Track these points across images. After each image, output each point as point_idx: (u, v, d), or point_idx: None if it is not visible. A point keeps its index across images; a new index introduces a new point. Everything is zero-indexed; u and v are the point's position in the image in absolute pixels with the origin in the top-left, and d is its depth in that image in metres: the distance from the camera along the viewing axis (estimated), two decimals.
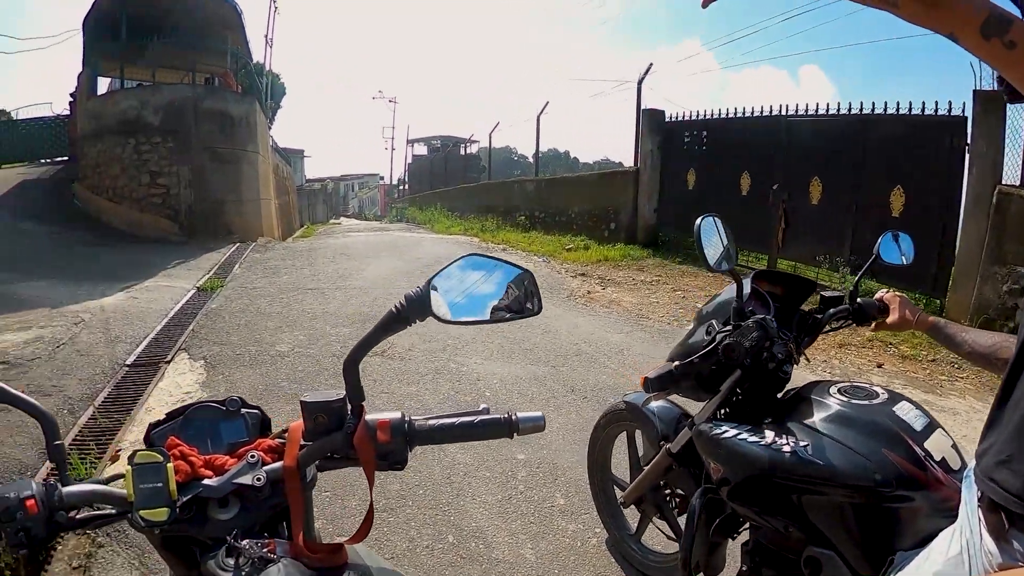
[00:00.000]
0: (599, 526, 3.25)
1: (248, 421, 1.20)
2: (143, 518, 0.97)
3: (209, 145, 16.80)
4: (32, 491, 0.95)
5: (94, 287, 9.26)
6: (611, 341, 6.68)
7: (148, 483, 0.98)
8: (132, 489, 0.98)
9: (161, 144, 16.34)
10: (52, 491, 0.98)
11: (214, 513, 1.04)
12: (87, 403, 5.07)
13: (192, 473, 1.03)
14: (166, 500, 0.97)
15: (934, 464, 1.56)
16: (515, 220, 17.77)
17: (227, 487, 1.03)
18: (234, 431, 1.18)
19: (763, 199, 10.25)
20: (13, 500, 0.94)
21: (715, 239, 1.96)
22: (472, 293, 1.15)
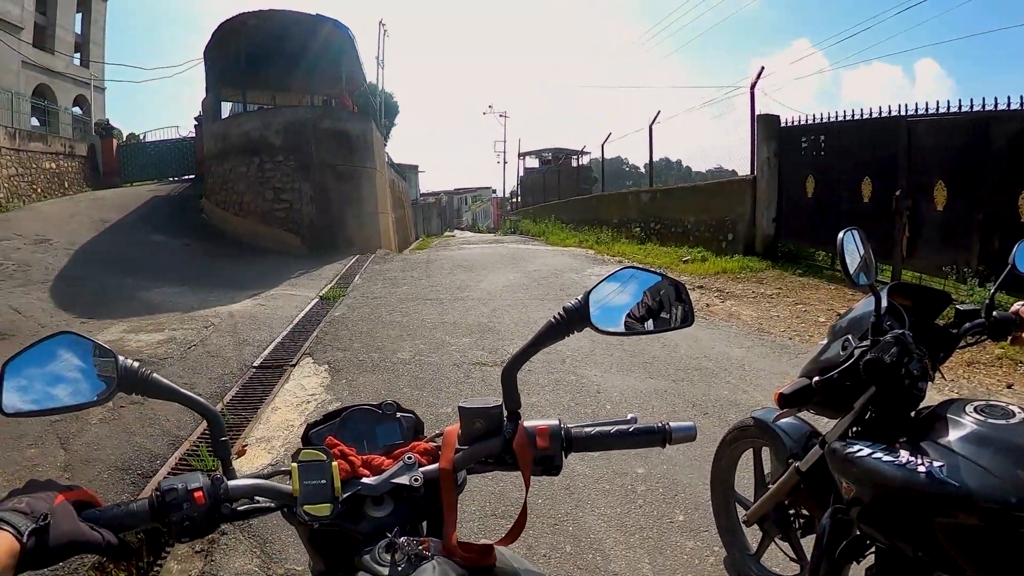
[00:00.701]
0: (718, 544, 3.18)
1: (403, 424, 1.24)
2: (307, 512, 1.02)
3: (329, 163, 17.69)
4: (200, 483, 1.02)
5: (223, 294, 9.74)
6: (731, 355, 6.56)
7: (312, 480, 1.03)
8: (298, 485, 1.03)
9: (283, 162, 17.36)
10: (218, 484, 1.05)
11: (369, 511, 1.08)
12: (216, 401, 5.38)
13: (352, 472, 1.08)
14: (329, 497, 1.03)
15: None
16: (630, 231, 17.63)
17: (385, 486, 1.08)
18: (389, 433, 1.22)
19: (885, 206, 9.75)
20: (181, 491, 1.00)
21: (854, 252, 1.92)
22: (628, 304, 1.18)
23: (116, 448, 4.51)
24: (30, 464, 4.27)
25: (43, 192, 19.32)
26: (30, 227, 14.43)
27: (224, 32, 18.84)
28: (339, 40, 20.24)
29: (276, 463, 4.48)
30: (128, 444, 4.58)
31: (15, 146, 18.65)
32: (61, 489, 0.97)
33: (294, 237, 16.97)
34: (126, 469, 4.27)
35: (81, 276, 11.03)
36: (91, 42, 37.20)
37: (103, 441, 4.61)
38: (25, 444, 4.54)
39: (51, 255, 12.28)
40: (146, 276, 11.43)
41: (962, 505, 1.52)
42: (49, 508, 0.91)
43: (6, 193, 17.55)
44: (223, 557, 3.30)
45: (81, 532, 0.93)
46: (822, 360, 2.02)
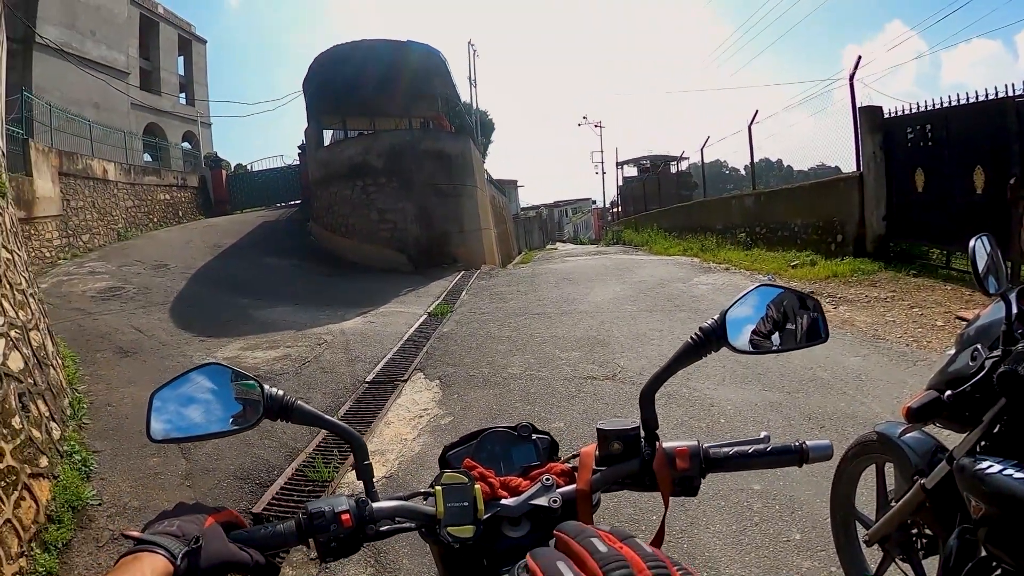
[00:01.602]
0: (835, 565, 3.08)
1: (539, 446, 1.27)
2: (451, 534, 1.06)
3: (430, 182, 18.14)
4: (346, 506, 1.07)
5: (333, 312, 10.04)
6: (847, 365, 6.36)
7: (455, 502, 1.08)
8: (442, 508, 1.08)
9: (386, 184, 17.92)
10: (363, 506, 1.09)
11: (506, 531, 1.11)
12: (330, 415, 5.47)
13: (491, 494, 1.12)
14: (472, 518, 1.07)
15: None
16: (735, 237, 17.32)
17: (523, 507, 1.11)
18: (525, 455, 1.25)
19: (1000, 196, 9.19)
20: (328, 513, 1.06)
21: (985, 258, 1.87)
22: (763, 323, 1.19)
23: (235, 459, 4.73)
24: (152, 472, 4.52)
25: (159, 221, 20.76)
26: (148, 253, 15.35)
27: (320, 64, 19.61)
28: (431, 63, 20.69)
29: (391, 475, 4.61)
30: (247, 455, 4.79)
31: (130, 180, 20.28)
32: (210, 512, 1.03)
33: (400, 255, 17.36)
34: (244, 479, 4.47)
35: (198, 297, 11.59)
36: (195, 82, 40.36)
37: (223, 452, 4.83)
38: (148, 453, 4.80)
39: (169, 278, 12.93)
40: (259, 296, 11.90)
41: None
42: (200, 531, 0.97)
43: (124, 223, 19.06)
44: (337, 566, 3.42)
45: (231, 553, 0.99)
46: (950, 372, 1.96)
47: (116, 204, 18.83)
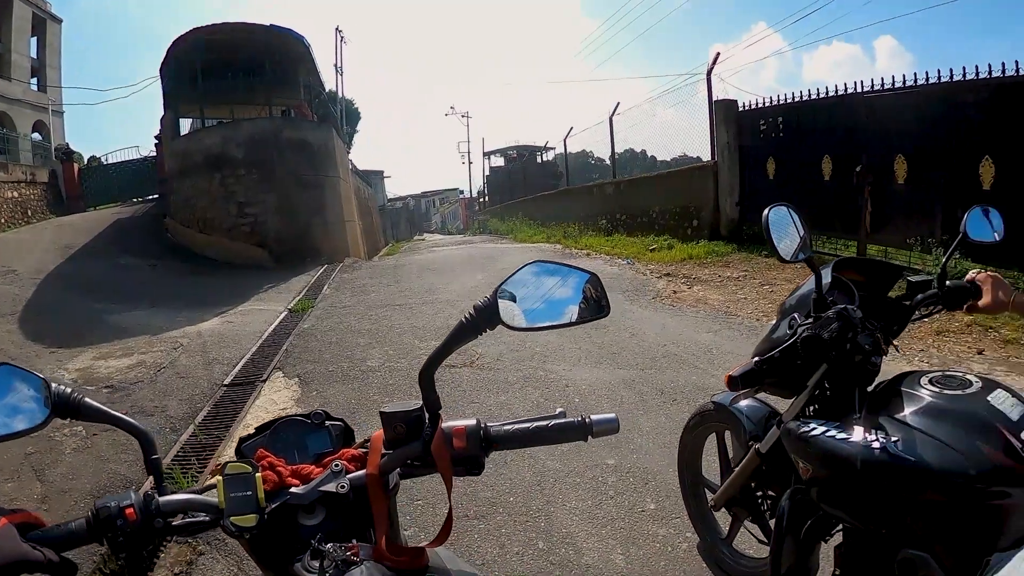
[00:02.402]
0: (690, 531, 3.18)
1: (332, 433, 1.24)
2: (233, 524, 1.02)
3: (291, 173, 17.58)
4: (131, 500, 1.03)
5: (191, 313, 9.64)
6: (699, 341, 6.59)
7: (238, 492, 1.04)
8: (223, 497, 1.04)
9: (246, 176, 17.23)
10: (150, 500, 1.05)
11: (301, 520, 1.09)
12: (188, 422, 5.32)
13: (280, 482, 1.08)
14: (255, 507, 1.03)
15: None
16: (597, 224, 17.71)
17: (313, 495, 1.08)
18: (320, 442, 1.22)
19: (847, 183, 9.87)
20: (114, 508, 1.01)
21: (789, 229, 1.90)
22: (538, 299, 1.16)
23: (92, 476, 4.46)
24: (8, 498, 4.22)
25: (6, 222, 18.92)
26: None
27: (178, 48, 18.67)
28: (295, 50, 20.16)
29: None
30: (103, 472, 4.53)
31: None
32: (4, 512, 0.99)
33: (260, 251, 16.81)
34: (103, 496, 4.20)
35: (49, 305, 10.86)
36: (47, 65, 36.87)
37: (78, 470, 4.55)
38: (2, 479, 4.48)
39: (17, 286, 12.07)
40: (114, 300, 11.29)
41: (921, 480, 1.51)
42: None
43: None
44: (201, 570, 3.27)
45: (23, 552, 0.95)
46: (772, 339, 2.02)
47: None
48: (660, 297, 8.97)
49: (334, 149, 19.80)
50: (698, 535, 3.12)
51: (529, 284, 1.16)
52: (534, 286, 1.17)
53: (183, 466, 4.55)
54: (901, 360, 5.32)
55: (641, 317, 7.72)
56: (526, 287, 1.16)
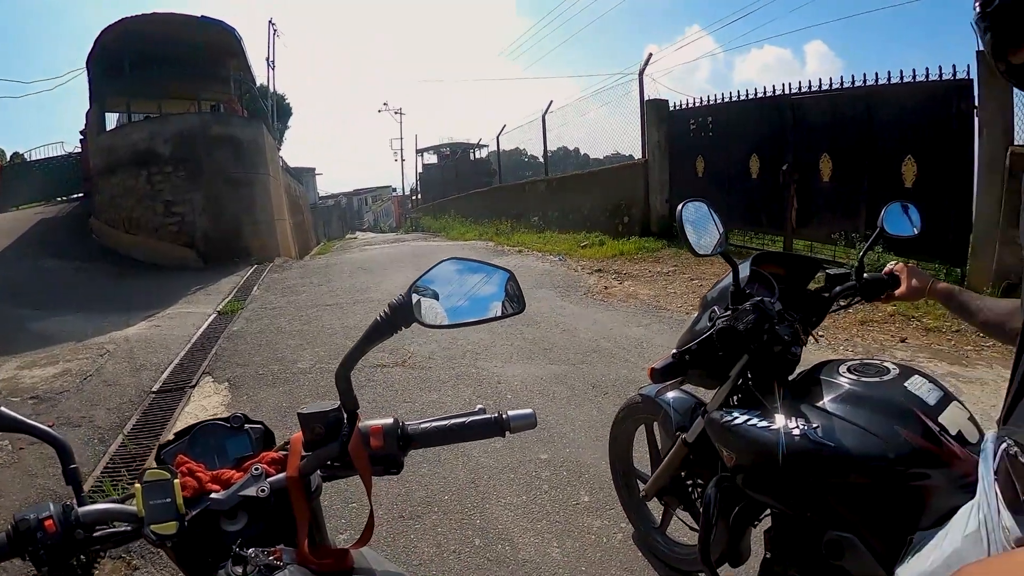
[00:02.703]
0: (624, 521, 3.24)
1: (252, 436, 1.22)
2: (154, 532, 1.00)
3: (220, 170, 17.07)
4: (50, 512, 1.00)
5: (118, 318, 9.36)
6: (630, 335, 6.68)
7: (157, 499, 1.01)
8: (142, 505, 1.01)
9: (173, 173, 16.64)
10: (69, 511, 1.02)
11: (223, 526, 1.07)
12: (116, 432, 5.15)
13: (200, 488, 1.07)
14: (174, 514, 1.01)
15: (950, 439, 1.51)
16: (529, 221, 17.77)
17: (233, 499, 1.07)
18: (240, 446, 1.20)
19: (774, 181, 10.21)
20: (32, 521, 0.99)
21: (708, 225, 1.94)
22: (455, 296, 1.17)
23: (20, 492, 4.29)
24: None
25: None
26: None
27: (106, 39, 17.93)
28: (226, 42, 19.66)
29: None
30: (31, 487, 4.36)
31: None
32: None
33: (188, 251, 16.32)
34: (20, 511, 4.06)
35: None
36: None
37: (5, 486, 4.38)
38: None
39: None
40: (38, 305, 10.87)
41: (842, 465, 1.56)
42: None
43: None
44: None
45: None
46: (696, 331, 2.05)
47: None
48: (591, 293, 9.04)
49: (264, 146, 19.32)
50: (632, 525, 3.17)
51: (445, 281, 1.17)
52: (450, 283, 1.18)
53: (113, 478, 4.39)
54: (827, 350, 5.46)
55: (573, 313, 7.78)
56: (447, 284, 1.17)
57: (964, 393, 4.34)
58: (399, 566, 1.22)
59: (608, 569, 3.03)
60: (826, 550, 1.65)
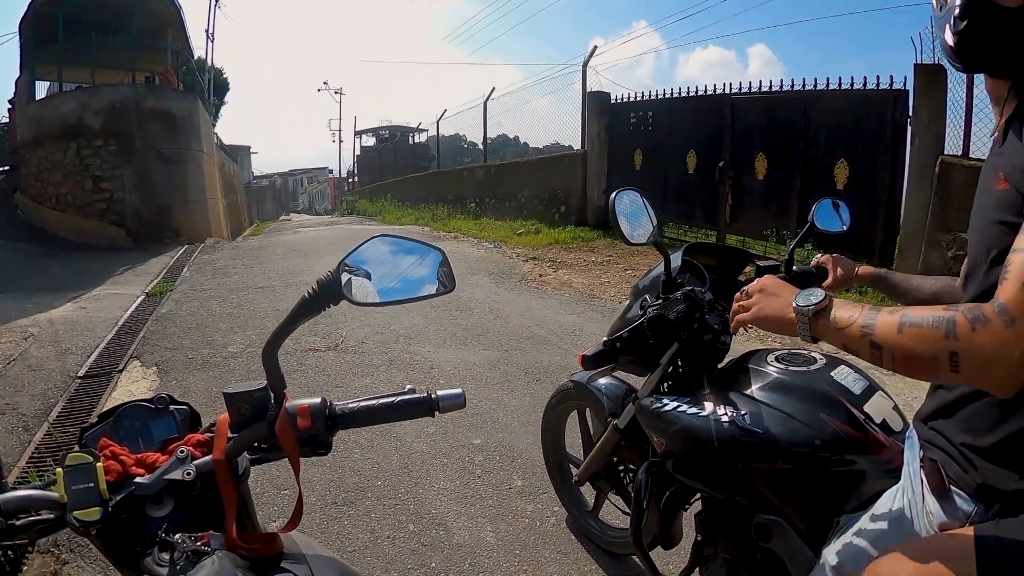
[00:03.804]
0: (557, 505, 3.28)
1: (177, 417, 1.20)
2: (77, 519, 0.96)
3: (153, 146, 16.50)
4: None
5: (42, 300, 9.06)
6: (563, 322, 6.74)
7: (80, 484, 0.98)
8: (64, 491, 0.98)
9: (103, 147, 16.04)
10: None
11: (149, 511, 1.04)
12: (41, 419, 4.98)
13: (124, 472, 1.04)
14: (98, 500, 0.98)
15: (875, 427, 1.56)
16: (466, 207, 17.72)
17: (158, 484, 1.04)
18: (165, 428, 1.18)
19: (710, 177, 10.48)
20: None
21: (641, 216, 1.95)
22: (385, 274, 1.16)
23: None
24: None
25: None
26: None
27: (40, 1, 17.26)
28: (165, 11, 19.09)
29: None
30: None
31: None
32: None
33: (117, 230, 15.83)
34: None
35: None
36: None
37: None
38: None
39: None
40: None
41: (769, 451, 1.59)
42: None
43: None
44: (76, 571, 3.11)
45: None
46: (627, 319, 2.08)
47: None
48: (526, 280, 9.08)
49: (199, 121, 18.67)
50: (566, 509, 3.22)
51: (376, 259, 1.16)
52: (382, 261, 1.16)
53: (39, 468, 4.24)
54: (755, 340, 5.58)
55: (507, 299, 7.80)
56: (374, 262, 1.15)
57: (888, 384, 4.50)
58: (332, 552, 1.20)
59: (542, 552, 3.07)
60: (755, 533, 1.69)
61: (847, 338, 1.20)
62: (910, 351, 1.09)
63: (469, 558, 3.06)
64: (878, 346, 1.13)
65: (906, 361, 1.11)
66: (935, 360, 1.05)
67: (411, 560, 3.07)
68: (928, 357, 1.06)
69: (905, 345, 1.09)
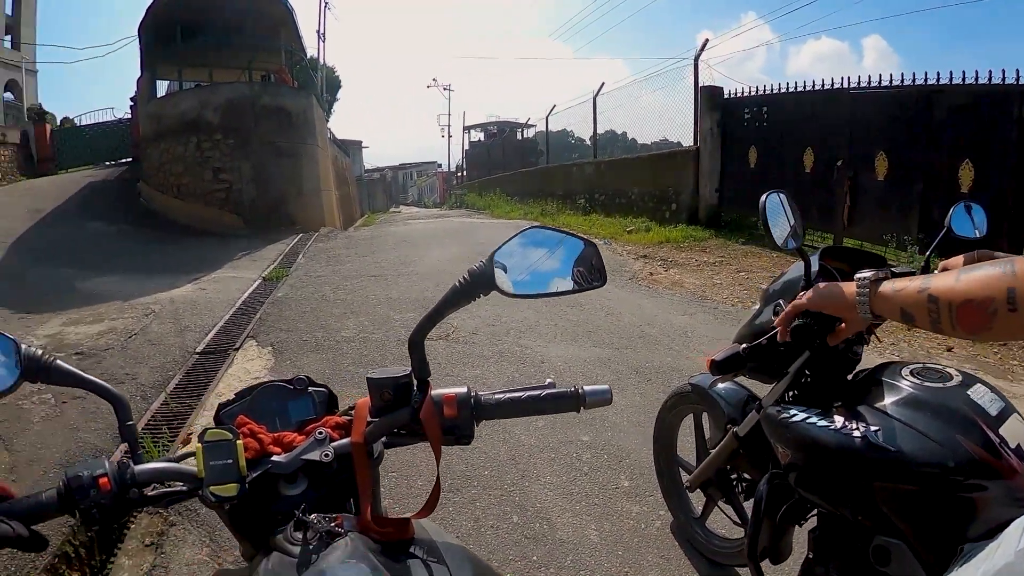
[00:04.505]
0: (663, 509, 3.22)
1: (315, 399, 1.22)
2: (213, 494, 0.99)
3: (269, 140, 17.26)
4: (105, 469, 0.99)
5: (163, 280, 9.50)
6: (674, 323, 6.64)
7: (218, 460, 1.00)
8: (202, 466, 1.00)
9: (222, 141, 16.90)
10: (124, 469, 1.02)
11: (283, 489, 1.06)
12: (159, 390, 5.24)
13: (261, 450, 1.06)
14: (236, 476, 0.99)
15: (1009, 451, 1.47)
16: (575, 203, 17.68)
17: (295, 463, 1.05)
18: (302, 409, 1.20)
19: (827, 176, 10.04)
20: (86, 478, 0.98)
21: (781, 216, 1.89)
22: (535, 266, 1.15)
23: (61, 445, 4.39)
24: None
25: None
26: None
27: (159, 7, 18.24)
28: (278, 13, 19.81)
29: None
30: (72, 440, 4.46)
31: None
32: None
33: (235, 218, 16.60)
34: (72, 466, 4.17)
35: (17, 270, 10.62)
36: (22, 23, 35.91)
37: (47, 439, 4.48)
38: None
39: None
40: (85, 265, 11.07)
41: (898, 470, 1.52)
42: None
43: None
44: (173, 549, 3.22)
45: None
46: (754, 325, 2.03)
47: None
48: (636, 278, 8.98)
49: (313, 117, 19.40)
50: (672, 514, 3.16)
51: (526, 250, 1.14)
52: (531, 253, 1.15)
53: (154, 435, 4.48)
54: (872, 353, 5.38)
55: (617, 297, 7.74)
56: (523, 253, 1.14)
57: None
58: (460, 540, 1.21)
59: (645, 556, 3.03)
60: (873, 556, 1.62)
61: (904, 299, 1.21)
62: (967, 295, 1.09)
63: (571, 554, 3.05)
64: (935, 298, 1.14)
65: (963, 308, 1.10)
66: (991, 301, 1.05)
67: (513, 551, 3.08)
68: (985, 298, 1.06)
69: (962, 289, 1.10)
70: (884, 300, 1.24)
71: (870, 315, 1.29)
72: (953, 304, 1.09)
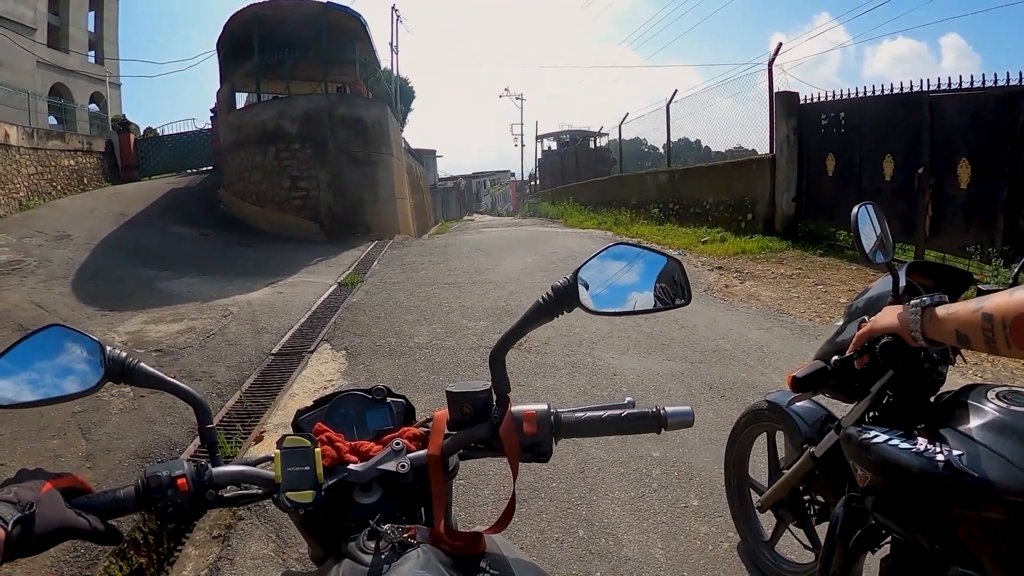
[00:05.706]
0: (732, 530, 3.15)
1: (393, 409, 1.22)
2: (289, 499, 1.01)
3: (344, 149, 17.77)
4: (184, 470, 1.02)
5: (241, 283, 9.76)
6: (750, 337, 6.50)
7: (295, 466, 1.02)
8: (280, 471, 1.02)
9: (299, 151, 17.48)
10: (203, 471, 1.04)
11: (357, 497, 1.06)
12: (234, 388, 5.41)
13: (338, 458, 1.07)
14: (312, 483, 1.02)
15: None
16: (648, 213, 17.54)
17: (371, 473, 1.06)
18: (379, 419, 1.20)
19: (907, 184, 9.60)
20: (165, 477, 1.00)
21: (869, 229, 1.85)
22: (619, 283, 1.14)
23: (137, 437, 4.55)
24: (53, 455, 4.32)
25: (63, 189, 19.27)
26: (51, 223, 14.48)
27: (235, 23, 19.01)
28: (351, 27, 20.29)
29: None
30: (148, 432, 4.61)
31: (33, 145, 18.49)
32: (49, 477, 0.98)
33: (312, 224, 17.05)
34: (146, 457, 4.30)
35: (102, 269, 11.06)
36: (104, 40, 38.04)
37: (124, 430, 4.64)
38: (48, 435, 4.59)
39: (71, 250, 12.32)
40: (166, 267, 11.49)
41: (982, 496, 1.44)
42: (35, 497, 0.91)
43: (26, 191, 17.48)
44: (239, 542, 3.31)
45: (68, 519, 0.94)
46: (838, 342, 1.96)
47: (17, 171, 16.96)
48: (711, 291, 8.86)
49: (387, 127, 19.88)
50: (740, 536, 3.09)
51: (610, 267, 1.14)
52: (615, 269, 1.15)
53: (227, 431, 4.66)
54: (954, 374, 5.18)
55: (692, 310, 7.62)
56: (607, 270, 1.14)
57: None
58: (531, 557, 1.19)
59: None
60: None
61: (959, 320, 1.19)
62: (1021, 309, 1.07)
63: (636, 572, 3.00)
64: (989, 316, 1.12)
65: (1016, 323, 1.08)
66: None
67: (576, 566, 3.05)
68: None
69: (1017, 304, 1.08)
70: (939, 324, 1.21)
71: (923, 340, 1.24)
72: (1007, 320, 1.07)
